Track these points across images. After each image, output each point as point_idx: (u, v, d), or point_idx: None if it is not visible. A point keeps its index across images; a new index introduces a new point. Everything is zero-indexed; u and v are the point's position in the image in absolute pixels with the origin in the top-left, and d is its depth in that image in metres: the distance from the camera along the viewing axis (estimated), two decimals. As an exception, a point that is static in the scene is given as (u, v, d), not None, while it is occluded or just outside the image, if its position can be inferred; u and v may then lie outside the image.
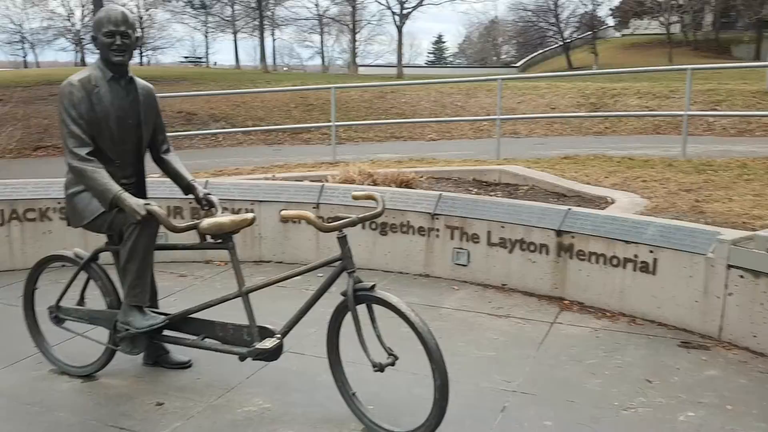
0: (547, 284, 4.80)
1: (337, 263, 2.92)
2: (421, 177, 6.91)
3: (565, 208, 4.93)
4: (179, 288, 4.95)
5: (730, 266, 3.90)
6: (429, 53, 76.27)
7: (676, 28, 45.24)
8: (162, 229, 3.15)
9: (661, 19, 44.41)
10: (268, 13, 44.52)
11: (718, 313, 3.98)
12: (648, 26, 47.45)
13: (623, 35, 52.66)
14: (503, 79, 10.40)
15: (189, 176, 3.50)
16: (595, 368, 3.60)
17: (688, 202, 5.02)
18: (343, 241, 2.85)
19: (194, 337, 3.30)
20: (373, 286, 2.81)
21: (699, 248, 4.05)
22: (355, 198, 3.11)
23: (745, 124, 12.94)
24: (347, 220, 2.83)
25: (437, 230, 5.25)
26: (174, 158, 3.53)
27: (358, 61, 46.38)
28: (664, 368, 3.59)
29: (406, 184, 6.36)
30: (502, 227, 4.96)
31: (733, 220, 4.49)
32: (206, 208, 3.40)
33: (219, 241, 3.16)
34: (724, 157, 7.76)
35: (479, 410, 3.15)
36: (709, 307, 4.01)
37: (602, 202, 5.47)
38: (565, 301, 4.65)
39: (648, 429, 2.98)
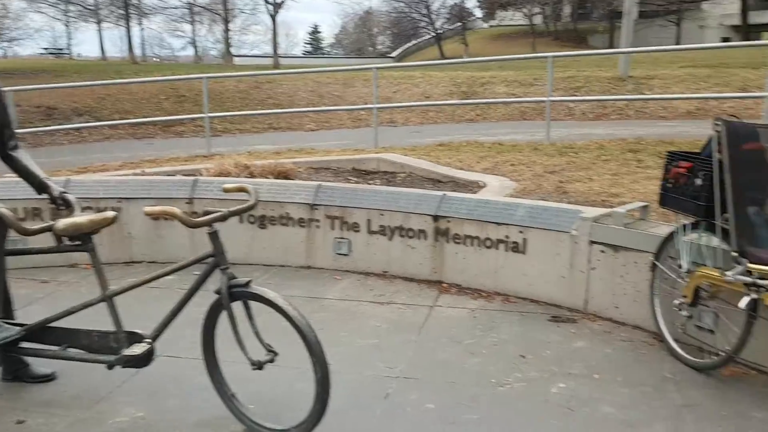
0: (426, 269, 4.89)
1: (209, 260, 2.80)
2: (300, 168, 6.82)
3: (441, 193, 5.04)
4: (41, 295, 4.58)
5: (592, 242, 4.14)
6: (306, 43, 75.61)
7: (538, 20, 47.72)
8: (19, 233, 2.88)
9: (524, 10, 46.67)
10: (134, 1, 42.26)
11: (583, 287, 4.22)
12: (513, 17, 49.72)
13: (490, 26, 54.86)
14: (378, 68, 10.48)
15: (41, 174, 3.22)
16: (474, 348, 3.71)
17: (552, 184, 5.28)
18: (214, 236, 2.74)
19: (56, 348, 3.05)
20: (248, 282, 2.72)
21: (564, 226, 4.27)
22: (227, 191, 3.00)
23: (601, 108, 13.86)
24: (217, 214, 2.72)
25: (317, 221, 5.20)
26: (23, 155, 3.24)
27: (234, 51, 45.15)
28: (537, 343, 3.76)
29: (284, 175, 6.25)
30: (382, 215, 4.99)
31: (593, 198, 4.78)
32: (62, 208, 3.15)
33: (77, 242, 2.93)
34: (584, 140, 8.26)
35: (363, 399, 3.15)
36: (575, 281, 4.25)
37: (475, 187, 5.65)
38: (444, 284, 4.76)
39: (523, 403, 3.10)
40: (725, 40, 39.80)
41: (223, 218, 2.73)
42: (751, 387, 3.19)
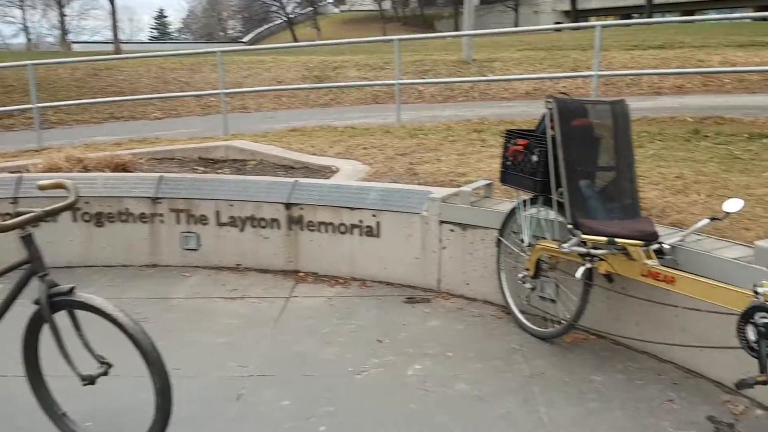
0: (281, 259, 4.74)
1: (26, 266, 2.48)
2: (141, 159, 6.37)
3: (293, 180, 4.90)
4: None
5: (442, 222, 4.20)
6: (152, 28, 71.60)
7: (387, 5, 48.44)
8: None
9: (374, -5, 47.21)
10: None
11: (436, 267, 4.28)
12: (363, 3, 50.10)
13: (342, 11, 54.93)
14: (223, 52, 10.04)
15: None
16: (331, 337, 3.64)
17: (403, 165, 5.32)
18: (28, 240, 2.43)
19: None
20: (71, 289, 2.44)
21: (414, 208, 4.30)
22: (42, 188, 2.67)
23: (449, 91, 14.29)
24: (30, 215, 2.41)
25: (161, 215, 4.87)
26: None
27: (73, 37, 41.77)
28: (393, 326, 3.76)
29: (122, 167, 5.79)
30: (231, 205, 4.77)
31: (441, 178, 4.86)
32: None
33: None
34: (433, 122, 8.43)
35: (214, 403, 2.97)
36: (428, 262, 4.30)
37: (328, 172, 5.56)
38: (300, 274, 4.65)
39: (380, 389, 3.08)
40: (558, 24, 42.68)
41: (37, 219, 2.42)
42: (591, 352, 3.38)
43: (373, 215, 4.43)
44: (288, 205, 4.67)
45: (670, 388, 2.98)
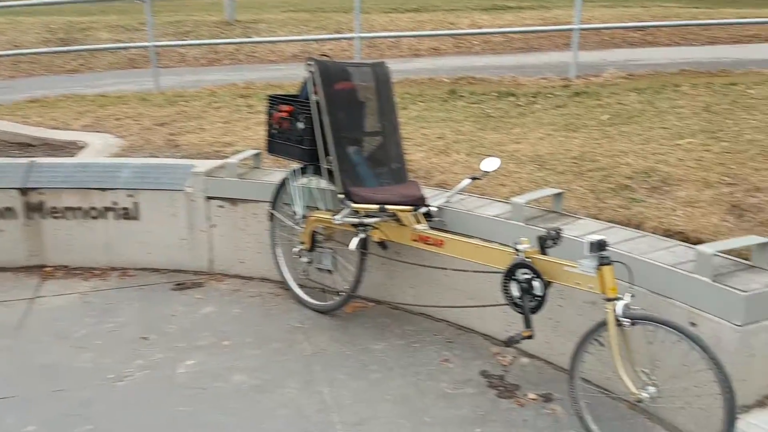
0: (21, 254, 4.07)
1: None
2: None
3: (28, 160, 4.21)
4: None
5: (209, 198, 3.88)
6: None
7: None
8: None
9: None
10: None
11: (206, 247, 3.96)
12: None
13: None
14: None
15: None
16: (86, 340, 3.18)
17: (163, 137, 4.84)
18: None
19: None
20: None
21: (177, 184, 3.92)
22: None
23: (213, 53, 13.58)
24: None
25: None
26: None
27: None
28: (161, 319, 3.39)
29: None
30: (-53, 196, 3.97)
31: (206, 150, 4.50)
32: None
33: None
34: (196, 87, 7.89)
35: (-67, 445, 2.42)
36: (197, 242, 3.96)
37: (73, 148, 4.87)
38: (47, 269, 4.04)
39: (146, 394, 2.74)
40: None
41: None
42: (371, 319, 3.35)
43: (129, 195, 3.96)
44: (24, 191, 4.00)
45: (445, 347, 3.05)
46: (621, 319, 2.14)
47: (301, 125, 3.16)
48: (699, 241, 2.94)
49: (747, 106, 5.01)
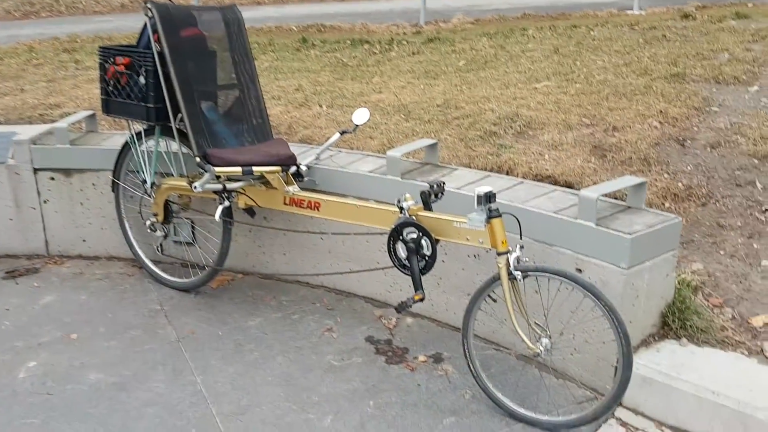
0: None
1: None
2: None
3: None
4: None
5: (37, 170, 3.35)
6: None
7: None
8: None
9: None
10: None
11: (39, 227, 3.44)
12: None
13: None
14: None
15: None
16: None
17: (-28, 102, 4.13)
18: None
19: None
20: None
21: (-5, 157, 3.34)
22: None
23: (29, 5, 12.05)
24: None
25: None
26: None
27: None
28: (-11, 315, 2.89)
29: None
30: None
31: (29, 114, 3.88)
32: None
33: None
34: (11, 43, 6.89)
35: None
36: (28, 222, 3.43)
37: None
38: None
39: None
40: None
41: None
42: (241, 293, 3.07)
43: (-66, 173, 3.32)
44: None
45: (326, 315, 2.85)
46: (514, 272, 2.05)
47: (142, 80, 2.73)
48: (569, 184, 2.95)
49: (592, 47, 5.17)
